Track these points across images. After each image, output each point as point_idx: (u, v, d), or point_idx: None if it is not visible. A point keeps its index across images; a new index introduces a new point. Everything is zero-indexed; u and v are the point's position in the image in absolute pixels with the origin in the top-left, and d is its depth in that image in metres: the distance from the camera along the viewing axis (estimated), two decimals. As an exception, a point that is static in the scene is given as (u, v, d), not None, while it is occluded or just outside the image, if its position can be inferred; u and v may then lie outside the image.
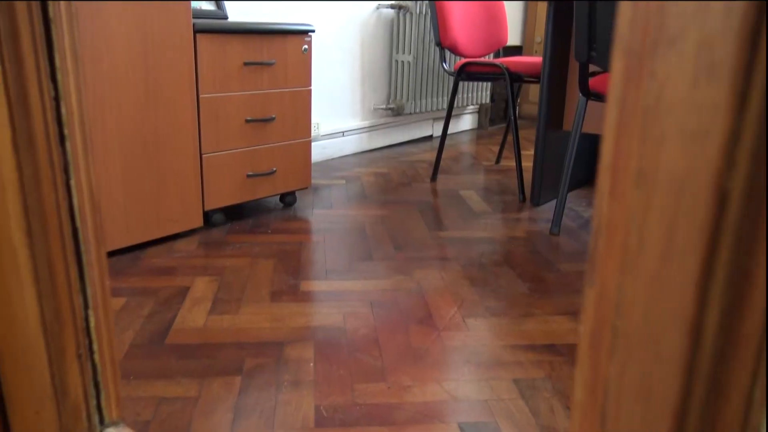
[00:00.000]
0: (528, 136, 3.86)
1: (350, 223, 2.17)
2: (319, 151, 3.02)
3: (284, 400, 1.15)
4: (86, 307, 0.39)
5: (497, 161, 3.17)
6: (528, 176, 2.85)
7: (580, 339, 0.28)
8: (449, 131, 3.89)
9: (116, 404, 0.42)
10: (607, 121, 0.27)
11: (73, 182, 0.37)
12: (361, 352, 1.32)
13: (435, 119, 3.72)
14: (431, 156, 3.24)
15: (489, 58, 2.95)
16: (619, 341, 0.26)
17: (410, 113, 3.35)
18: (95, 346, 0.41)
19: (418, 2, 3.19)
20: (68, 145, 0.37)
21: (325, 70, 2.97)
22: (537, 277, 1.74)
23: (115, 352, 0.40)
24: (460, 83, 3.62)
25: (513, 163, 3.12)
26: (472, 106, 4.03)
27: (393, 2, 3.19)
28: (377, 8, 3.17)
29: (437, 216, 2.27)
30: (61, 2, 0.36)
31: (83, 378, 0.41)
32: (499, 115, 4.25)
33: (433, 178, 2.78)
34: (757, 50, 0.21)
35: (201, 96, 1.88)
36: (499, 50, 2.98)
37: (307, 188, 2.34)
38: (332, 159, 3.10)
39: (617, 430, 0.26)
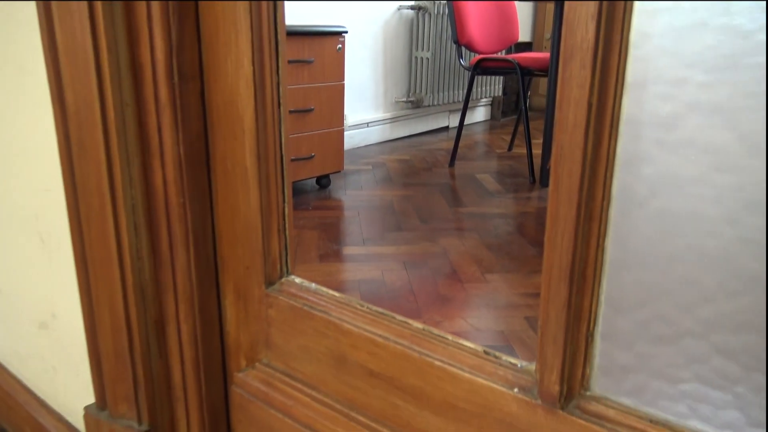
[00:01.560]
0: (538, 126, 4.13)
1: (379, 201, 2.46)
2: (347, 140, 3.31)
3: (341, 331, 1.44)
4: (284, 201, 0.68)
5: (509, 149, 3.44)
6: (537, 161, 3.12)
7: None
8: (464, 122, 4.16)
9: (293, 263, 0.71)
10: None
11: (283, 129, 0.66)
12: (400, 298, 1.61)
13: (451, 111, 4.00)
14: (448, 145, 3.52)
15: (502, 54, 3.22)
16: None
17: (428, 105, 3.63)
18: (287, 224, 0.69)
19: (436, 3, 3.46)
20: (282, 110, 0.66)
21: (352, 66, 3.25)
22: (544, 243, 2.02)
23: (292, 229, 0.69)
24: (475, 77, 3.89)
25: (524, 151, 3.39)
26: (485, 99, 4.30)
27: (413, 3, 3.47)
28: (398, 9, 3.45)
29: (456, 195, 2.56)
30: (278, 2, 0.64)
31: (279, 244, 0.69)
32: (510, 108, 4.52)
33: (451, 163, 3.06)
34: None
35: (252, 90, 2.17)
36: (511, 46, 3.25)
37: (339, 172, 2.63)
38: (359, 147, 3.39)
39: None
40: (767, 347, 0.38)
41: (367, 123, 3.42)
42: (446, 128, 4.01)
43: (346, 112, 3.26)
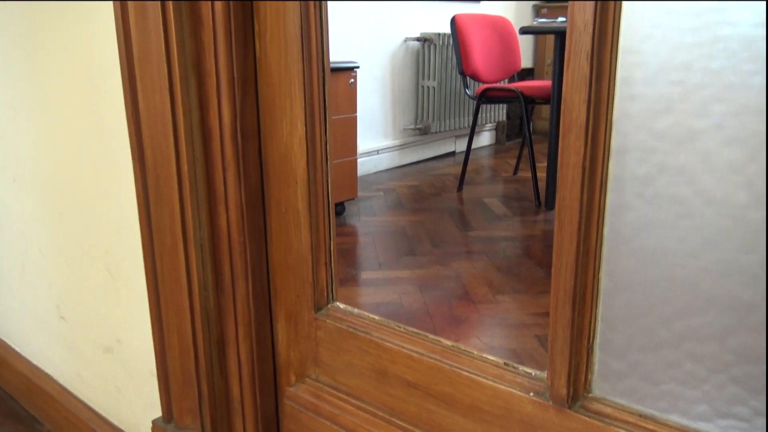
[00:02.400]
0: (542, 149, 4.25)
1: (392, 226, 2.57)
2: (359, 167, 3.43)
3: (364, 351, 1.54)
4: (330, 238, 0.80)
5: (515, 172, 3.56)
6: (543, 185, 3.24)
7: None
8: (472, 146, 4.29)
9: (337, 291, 0.83)
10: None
11: (329, 178, 0.78)
12: (417, 320, 1.72)
13: (457, 137, 4.13)
14: (455, 170, 3.64)
15: (505, 83, 3.36)
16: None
17: (435, 132, 3.77)
18: (332, 258, 0.81)
19: (441, 35, 3.61)
20: (329, 163, 0.78)
21: (362, 96, 3.39)
22: (551, 264, 2.13)
23: (336, 262, 0.81)
24: (480, 105, 4.03)
25: (529, 174, 3.51)
26: (490, 124, 4.43)
27: (418, 35, 3.62)
28: (405, 41, 3.60)
29: (465, 219, 2.67)
30: (326, 77, 0.76)
31: (326, 275, 0.81)
32: (514, 131, 4.65)
33: (460, 188, 3.18)
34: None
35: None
36: (514, 75, 3.39)
37: (353, 199, 2.75)
38: (369, 174, 3.52)
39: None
40: None
41: (377, 150, 3.55)
42: (453, 153, 4.14)
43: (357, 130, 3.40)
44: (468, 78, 3.12)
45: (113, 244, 0.94)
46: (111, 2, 0.77)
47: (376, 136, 3.55)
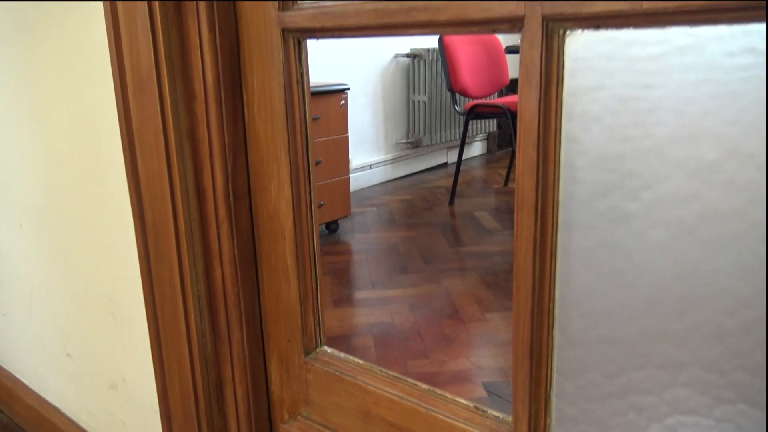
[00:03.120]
0: (532, 158, 4.32)
1: (385, 243, 2.64)
2: (352, 182, 3.50)
3: (357, 373, 1.61)
4: (316, 289, 0.87)
5: (505, 183, 3.63)
6: (532, 196, 3.31)
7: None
8: (463, 157, 4.36)
9: (324, 336, 0.89)
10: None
11: (315, 235, 0.85)
12: (408, 340, 1.79)
13: (449, 148, 4.20)
14: (447, 182, 3.71)
15: (494, 98, 3.43)
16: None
17: (427, 145, 3.83)
18: (319, 307, 0.87)
19: (430, 50, 3.68)
20: (314, 222, 0.85)
21: (354, 112, 3.46)
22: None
23: (323, 310, 0.87)
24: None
25: (519, 185, 3.58)
26: (481, 135, 4.51)
27: (408, 52, 3.69)
28: (395, 57, 3.67)
29: (456, 234, 2.74)
30: (309, 144, 0.83)
31: (314, 322, 0.87)
32: (505, 140, 4.72)
33: (451, 202, 3.25)
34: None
35: (265, 148, 2.37)
36: (502, 89, 3.46)
37: (347, 216, 2.82)
38: (363, 188, 3.59)
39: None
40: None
41: (370, 165, 3.62)
42: (445, 164, 4.21)
43: (350, 156, 3.47)
44: (457, 94, 3.20)
45: (116, 290, 1.00)
46: (111, 78, 0.84)
47: (369, 151, 3.62)
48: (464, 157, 4.41)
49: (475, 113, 3.09)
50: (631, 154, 0.53)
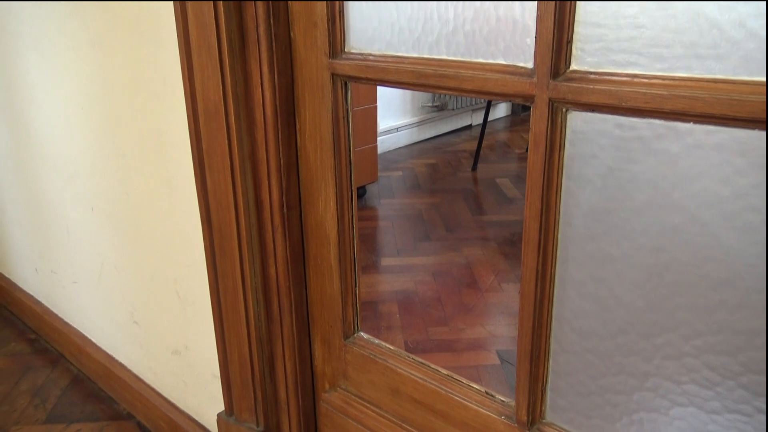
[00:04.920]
0: (556, 121, 4.39)
1: (410, 209, 2.79)
2: (379, 146, 3.62)
3: (383, 338, 1.79)
4: (356, 285, 1.02)
5: (527, 149, 3.72)
6: (553, 163, 3.41)
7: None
8: (488, 120, 4.44)
9: (361, 323, 1.05)
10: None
11: (355, 242, 0.99)
12: (430, 307, 1.96)
13: (473, 110, 4.28)
14: (471, 146, 3.82)
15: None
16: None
17: (452, 108, 3.92)
18: (358, 300, 1.03)
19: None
20: (355, 231, 0.99)
21: (382, 77, 3.55)
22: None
23: (361, 302, 1.03)
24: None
25: (541, 151, 3.67)
26: (506, 96, 4.56)
27: (437, 15, 3.74)
28: (423, 21, 3.72)
29: (478, 202, 2.87)
30: (352, 169, 0.97)
31: (353, 312, 1.03)
32: (530, 101, 4.76)
33: (474, 167, 3.37)
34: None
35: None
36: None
37: (374, 182, 2.96)
38: (389, 151, 3.71)
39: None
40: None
41: (397, 128, 3.73)
42: (470, 126, 4.30)
43: (378, 120, 3.58)
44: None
45: (181, 275, 1.17)
46: (180, 101, 0.98)
47: (396, 115, 3.72)
48: (489, 118, 4.48)
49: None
50: (615, 211, 0.67)
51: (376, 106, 2.79)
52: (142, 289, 1.30)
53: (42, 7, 1.23)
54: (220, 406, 1.17)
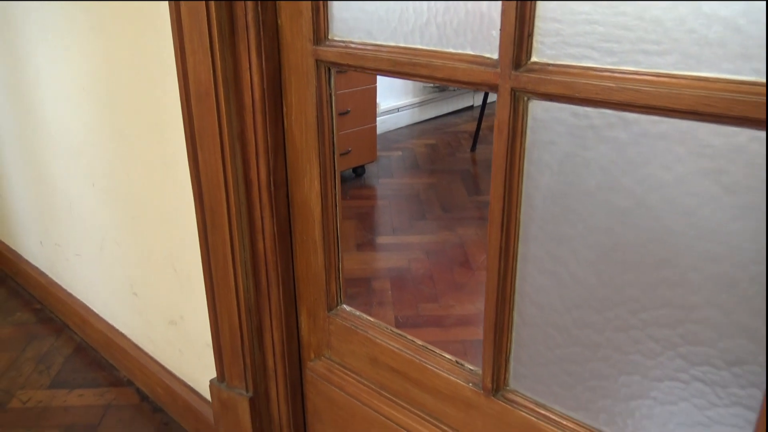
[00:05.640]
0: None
1: (408, 189, 2.84)
2: (380, 125, 3.66)
3: (375, 313, 1.85)
4: (338, 260, 1.08)
5: (528, 130, 3.75)
6: (552, 145, 3.44)
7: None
8: (487, 101, 4.46)
9: (344, 296, 1.11)
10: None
11: (338, 218, 1.05)
12: (422, 284, 2.01)
13: (475, 90, 4.30)
14: (471, 126, 3.85)
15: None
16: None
17: (454, 89, 3.94)
18: (341, 274, 1.09)
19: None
20: (338, 209, 1.05)
21: (383, 57, 3.58)
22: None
23: (343, 275, 1.09)
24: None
25: (541, 132, 3.70)
26: (508, 77, 4.57)
27: (439, -4, 3.75)
28: (426, 1, 3.73)
29: (475, 182, 2.92)
30: (336, 153, 1.02)
31: (335, 286, 1.09)
32: (533, 83, 4.78)
33: (473, 148, 3.40)
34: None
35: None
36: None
37: (373, 161, 3.01)
38: (390, 131, 3.75)
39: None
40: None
41: (398, 108, 3.77)
42: (471, 107, 4.32)
43: (378, 99, 3.61)
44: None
45: (176, 249, 1.23)
46: (177, 98, 1.03)
47: (398, 95, 3.75)
48: (489, 99, 4.50)
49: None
50: (571, 194, 0.72)
51: (375, 87, 2.82)
52: (141, 263, 1.36)
53: (44, -10, 1.28)
54: (213, 373, 1.24)
